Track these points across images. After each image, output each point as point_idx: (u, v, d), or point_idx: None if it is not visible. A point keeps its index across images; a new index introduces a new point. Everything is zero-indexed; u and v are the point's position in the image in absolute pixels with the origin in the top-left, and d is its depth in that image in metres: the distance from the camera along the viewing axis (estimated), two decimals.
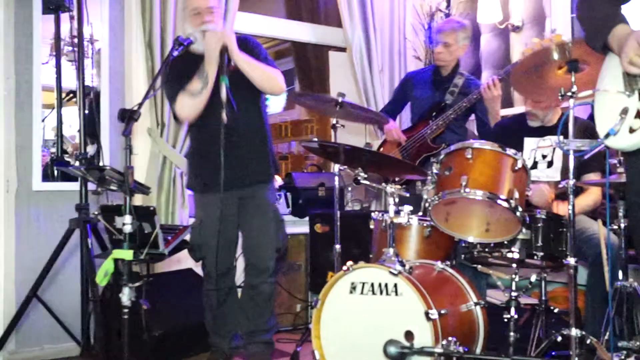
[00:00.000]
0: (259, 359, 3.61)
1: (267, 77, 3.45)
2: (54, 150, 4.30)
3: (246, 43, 3.55)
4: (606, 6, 2.12)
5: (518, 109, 4.62)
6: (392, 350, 2.43)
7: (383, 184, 3.04)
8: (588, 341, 2.67)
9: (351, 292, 2.84)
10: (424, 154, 4.12)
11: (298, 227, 4.80)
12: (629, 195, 2.14)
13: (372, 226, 3.43)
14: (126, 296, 2.81)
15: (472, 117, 4.35)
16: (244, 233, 3.64)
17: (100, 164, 3.88)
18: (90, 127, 3.94)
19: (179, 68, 3.40)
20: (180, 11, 3.52)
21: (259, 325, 3.61)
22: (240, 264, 3.83)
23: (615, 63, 2.05)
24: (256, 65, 3.43)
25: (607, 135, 2.04)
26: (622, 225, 2.82)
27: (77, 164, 3.64)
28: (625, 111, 2.00)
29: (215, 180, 3.31)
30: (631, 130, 1.98)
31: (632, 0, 2.16)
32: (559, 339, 2.77)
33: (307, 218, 4.78)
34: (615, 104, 2.05)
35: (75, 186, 3.79)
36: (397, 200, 3.01)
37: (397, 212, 3.04)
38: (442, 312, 2.64)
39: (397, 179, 3.70)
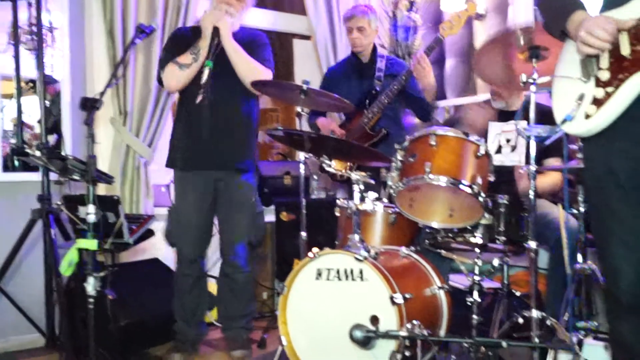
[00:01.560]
0: (238, 345, 3.65)
1: (250, 69, 3.47)
2: (13, 140, 4.24)
3: (253, 37, 3.65)
4: None
5: (481, 96, 4.68)
6: (358, 334, 2.46)
7: (348, 171, 3.06)
8: (548, 322, 2.72)
9: (317, 279, 2.86)
10: (365, 143, 4.12)
11: (264, 215, 4.80)
12: (585, 180, 2.18)
13: (337, 213, 3.46)
14: (91, 286, 2.79)
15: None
16: (219, 223, 3.68)
17: (62, 153, 3.84)
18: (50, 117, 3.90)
19: (180, 39, 3.47)
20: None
21: (236, 311, 3.67)
22: (214, 253, 3.85)
23: (573, 49, 2.09)
24: (243, 55, 3.46)
25: (563, 121, 2.07)
26: (582, 210, 2.88)
27: (38, 153, 3.60)
28: (581, 97, 2.04)
29: (193, 158, 3.43)
30: (587, 116, 2.01)
31: None
32: (520, 320, 2.82)
33: (272, 206, 4.78)
34: (571, 90, 2.08)
35: (36, 176, 3.74)
36: (362, 187, 3.04)
37: (362, 199, 3.06)
38: (407, 296, 2.67)
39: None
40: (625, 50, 1.95)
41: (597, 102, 1.99)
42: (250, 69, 3.47)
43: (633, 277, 1.97)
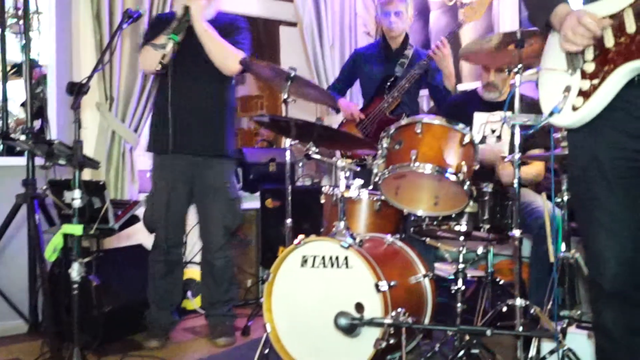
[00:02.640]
0: (221, 331, 3.67)
1: (221, 51, 3.46)
2: None
3: (231, 21, 3.63)
4: None
5: (466, 84, 4.70)
6: (343, 321, 2.48)
7: (334, 158, 3.06)
8: (532, 311, 2.75)
9: (302, 266, 2.87)
10: (384, 127, 4.15)
11: (249, 202, 4.80)
12: (570, 170, 2.20)
13: (323, 201, 3.47)
14: (76, 272, 2.78)
15: (422, 93, 4.40)
16: (198, 209, 3.70)
17: (48, 138, 3.82)
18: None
19: (159, 23, 3.48)
20: None
21: (217, 296, 3.69)
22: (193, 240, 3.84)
23: (557, 41, 2.10)
24: (213, 36, 3.45)
25: (551, 114, 2.08)
26: (565, 199, 2.91)
27: (23, 138, 3.57)
28: (567, 89, 2.05)
29: (168, 142, 3.46)
30: (574, 108, 2.02)
31: None
32: (504, 309, 2.84)
33: (258, 193, 4.78)
34: (558, 82, 2.09)
35: (22, 161, 3.71)
36: (348, 174, 3.05)
37: (348, 187, 3.07)
38: (392, 284, 2.69)
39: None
40: (610, 42, 1.96)
41: (584, 94, 2.01)
42: (220, 50, 3.46)
43: (616, 265, 1.99)
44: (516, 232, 2.73)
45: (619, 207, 2.01)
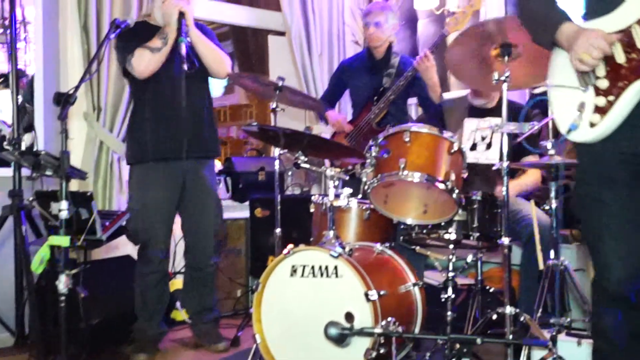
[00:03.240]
0: (211, 337, 3.67)
1: (216, 56, 3.54)
2: None
3: (202, 28, 3.65)
4: (544, 3, 2.20)
5: (454, 92, 4.71)
6: (333, 331, 2.46)
7: (323, 167, 3.05)
8: (522, 318, 2.75)
9: (292, 275, 2.85)
10: (371, 138, 4.15)
11: (238, 211, 4.79)
12: (578, 175, 2.22)
13: (312, 210, 3.46)
14: (63, 284, 2.76)
15: (410, 101, 4.41)
16: (185, 213, 3.66)
17: (35, 148, 3.79)
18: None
19: (133, 33, 3.43)
20: None
21: (206, 304, 3.70)
22: (179, 248, 3.81)
23: (564, 58, 2.13)
24: (207, 42, 3.53)
25: (569, 131, 2.12)
26: (554, 206, 2.91)
27: (10, 149, 3.55)
28: (582, 106, 2.09)
29: (167, 148, 3.45)
30: (592, 125, 2.06)
31: None
32: (494, 317, 2.85)
33: (247, 203, 4.77)
34: (571, 99, 2.12)
35: (8, 172, 3.69)
36: (337, 183, 3.04)
37: (337, 196, 3.06)
38: (382, 293, 2.67)
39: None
40: (621, 58, 2.01)
41: (600, 111, 2.05)
42: (215, 55, 3.54)
43: (622, 269, 2.04)
44: (505, 240, 2.73)
45: (625, 212, 2.05)
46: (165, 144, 3.49)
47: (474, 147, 3.55)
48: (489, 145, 3.54)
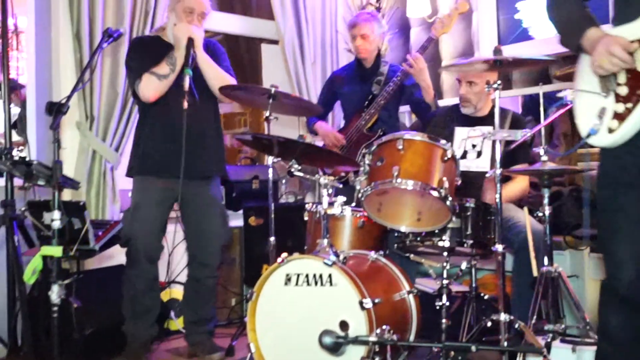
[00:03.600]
0: (205, 347, 3.66)
1: (221, 79, 3.55)
2: None
3: (214, 47, 3.73)
4: (574, 7, 2.25)
5: (447, 100, 4.72)
6: (327, 340, 2.45)
7: (316, 175, 3.05)
8: (516, 325, 2.75)
9: (286, 284, 2.85)
10: (363, 144, 4.15)
11: (232, 220, 4.76)
12: (597, 175, 2.26)
13: (306, 218, 3.45)
14: (55, 294, 2.75)
15: (403, 109, 4.41)
16: (190, 227, 3.69)
17: (27, 158, 3.77)
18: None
19: (147, 48, 3.52)
20: (173, 2, 3.60)
21: (203, 315, 3.70)
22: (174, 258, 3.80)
23: (589, 64, 2.17)
24: (214, 66, 3.58)
25: (588, 135, 2.16)
26: (547, 213, 2.92)
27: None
28: (602, 111, 2.13)
29: (169, 165, 3.43)
30: (610, 130, 2.11)
31: None
32: (489, 324, 2.85)
33: (241, 211, 4.76)
34: (592, 103, 2.17)
35: (0, 182, 3.67)
36: (330, 191, 3.04)
37: (331, 204, 3.06)
38: (376, 301, 2.67)
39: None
40: None
41: (619, 117, 2.09)
42: (220, 78, 3.56)
43: (634, 271, 2.08)
44: (499, 247, 2.74)
45: None
46: (167, 162, 3.49)
47: (464, 155, 3.56)
48: (479, 154, 3.55)
